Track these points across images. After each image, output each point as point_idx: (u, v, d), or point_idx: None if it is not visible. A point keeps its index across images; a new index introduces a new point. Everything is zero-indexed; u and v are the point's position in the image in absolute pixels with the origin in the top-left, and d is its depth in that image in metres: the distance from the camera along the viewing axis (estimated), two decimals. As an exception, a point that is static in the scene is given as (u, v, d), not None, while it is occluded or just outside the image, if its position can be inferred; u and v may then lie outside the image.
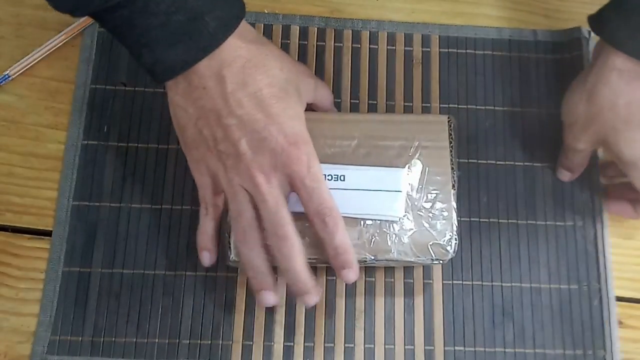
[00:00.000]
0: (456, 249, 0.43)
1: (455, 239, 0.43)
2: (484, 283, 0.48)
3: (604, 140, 0.45)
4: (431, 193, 0.44)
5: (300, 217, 0.41)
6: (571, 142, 0.47)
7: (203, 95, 0.39)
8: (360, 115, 0.48)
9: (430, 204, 0.44)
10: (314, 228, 0.41)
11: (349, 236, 0.41)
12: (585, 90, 0.45)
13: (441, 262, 0.44)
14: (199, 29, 0.38)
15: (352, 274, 0.41)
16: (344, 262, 0.41)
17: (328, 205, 0.40)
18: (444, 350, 0.47)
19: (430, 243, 0.43)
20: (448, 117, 0.45)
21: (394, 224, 0.43)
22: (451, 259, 0.44)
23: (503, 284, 0.49)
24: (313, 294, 0.41)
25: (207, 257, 0.44)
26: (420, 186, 0.44)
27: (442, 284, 0.48)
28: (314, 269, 0.45)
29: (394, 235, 0.43)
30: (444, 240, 0.43)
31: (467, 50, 0.54)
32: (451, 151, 0.45)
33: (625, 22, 0.42)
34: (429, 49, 0.54)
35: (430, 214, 0.43)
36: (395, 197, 0.43)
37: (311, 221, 0.40)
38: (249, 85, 0.39)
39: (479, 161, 0.51)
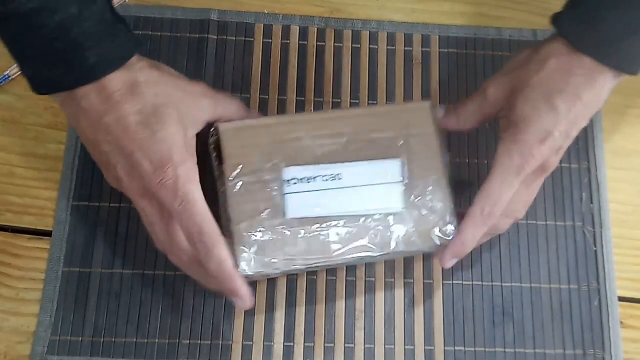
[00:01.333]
0: (456, 227, 0.44)
1: (455, 218, 0.44)
2: (484, 283, 0.48)
3: (512, 90, 0.44)
4: (424, 179, 0.44)
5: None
6: (486, 83, 0.46)
7: (80, 115, 0.41)
8: (344, 111, 0.49)
9: (425, 189, 0.44)
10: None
11: (356, 233, 0.42)
12: (532, 49, 0.45)
13: (445, 243, 0.44)
14: (77, 60, 0.39)
15: (240, 301, 0.41)
16: (226, 291, 0.41)
17: (197, 230, 0.39)
18: (444, 350, 0.47)
19: (433, 228, 0.43)
20: (429, 102, 0.46)
21: (396, 215, 0.43)
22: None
23: (503, 284, 0.49)
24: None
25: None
26: (413, 174, 0.44)
27: (442, 284, 0.48)
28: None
29: (397, 227, 0.43)
30: (445, 222, 0.44)
31: (467, 50, 0.54)
32: (437, 134, 0.45)
33: (573, 14, 0.43)
34: (428, 49, 0.54)
35: (428, 199, 0.44)
36: (394, 189, 0.44)
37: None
38: (115, 112, 0.40)
39: (479, 161, 0.51)
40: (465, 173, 0.51)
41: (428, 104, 0.46)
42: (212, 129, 0.45)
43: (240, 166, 0.43)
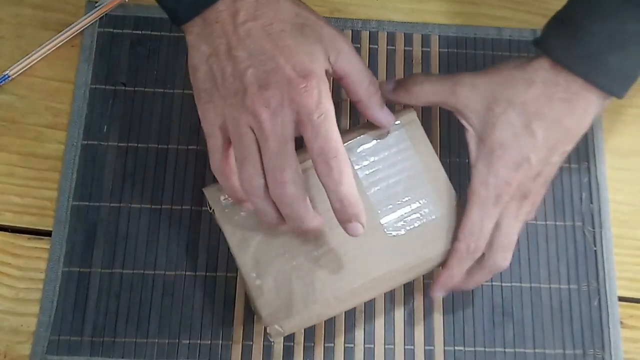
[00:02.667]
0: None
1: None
2: (483, 283, 0.48)
3: (489, 107, 0.42)
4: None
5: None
6: (460, 80, 0.44)
7: (215, 29, 0.38)
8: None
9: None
10: (317, 173, 0.37)
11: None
12: (519, 65, 0.43)
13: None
14: None
15: (359, 227, 0.38)
16: (350, 215, 0.37)
17: (334, 145, 0.36)
18: (444, 350, 0.47)
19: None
20: (414, 112, 0.45)
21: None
22: None
23: (503, 284, 0.49)
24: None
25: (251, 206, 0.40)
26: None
27: (442, 284, 0.48)
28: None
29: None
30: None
31: (467, 50, 0.54)
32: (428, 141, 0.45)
33: (557, 32, 0.42)
34: (428, 49, 0.54)
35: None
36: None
37: (314, 164, 0.37)
38: (260, 18, 0.37)
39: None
40: (465, 174, 0.51)
41: (414, 113, 0.45)
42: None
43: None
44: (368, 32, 0.54)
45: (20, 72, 0.51)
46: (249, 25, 0.37)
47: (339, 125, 0.51)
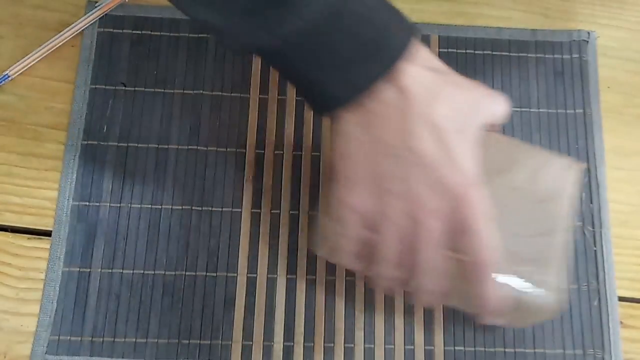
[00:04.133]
0: None
1: None
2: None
3: None
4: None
5: None
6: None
7: (379, 123, 0.36)
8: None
9: None
10: (466, 271, 0.37)
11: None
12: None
13: None
14: (386, 44, 0.35)
15: (491, 317, 0.39)
16: (486, 313, 0.39)
17: (490, 256, 0.37)
18: (444, 350, 0.47)
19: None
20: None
21: None
22: None
23: (503, 284, 0.49)
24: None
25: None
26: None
27: (442, 284, 0.48)
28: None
29: None
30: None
31: (467, 50, 0.54)
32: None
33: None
34: (428, 49, 0.54)
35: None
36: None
37: (462, 268, 0.37)
38: (429, 115, 0.35)
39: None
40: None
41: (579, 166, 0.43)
42: None
43: None
44: (368, 32, 0.54)
45: (20, 72, 0.51)
46: (417, 126, 0.35)
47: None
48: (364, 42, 0.35)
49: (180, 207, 0.49)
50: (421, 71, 0.36)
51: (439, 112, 0.36)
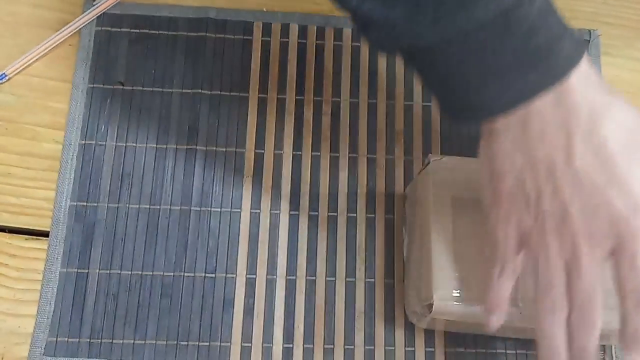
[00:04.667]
0: None
1: None
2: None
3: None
4: None
5: None
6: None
7: (539, 142, 0.34)
8: None
9: None
10: (624, 305, 0.35)
11: None
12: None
13: None
14: (555, 53, 0.33)
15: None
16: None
17: None
18: (445, 352, 0.47)
19: None
20: None
21: None
22: None
23: (504, 285, 0.48)
24: None
25: (496, 321, 0.38)
26: None
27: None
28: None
29: None
30: None
31: (468, 49, 0.54)
32: None
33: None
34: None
35: None
36: None
37: (623, 298, 0.34)
38: (594, 135, 0.33)
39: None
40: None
41: None
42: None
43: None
44: (368, 30, 0.54)
45: (18, 71, 0.51)
46: (581, 146, 0.33)
47: (338, 125, 0.51)
48: (532, 49, 0.32)
49: (179, 208, 0.48)
50: (587, 87, 0.34)
51: (605, 133, 0.33)
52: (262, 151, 0.50)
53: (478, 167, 0.38)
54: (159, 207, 0.48)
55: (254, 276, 0.47)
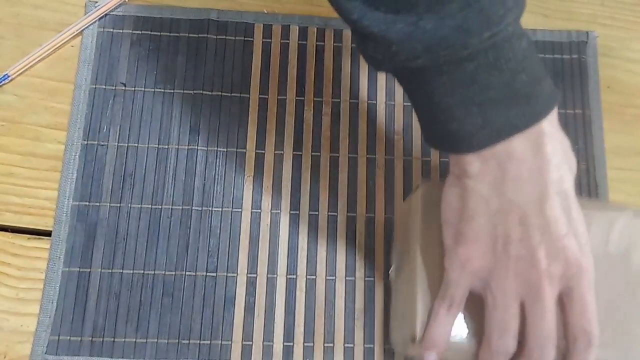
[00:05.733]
0: None
1: None
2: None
3: None
4: None
5: None
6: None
7: (517, 188, 0.35)
8: None
9: None
10: (569, 344, 0.36)
11: None
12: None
13: None
14: (536, 93, 0.34)
15: None
16: None
17: (593, 327, 0.36)
18: (444, 350, 0.47)
19: None
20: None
21: None
22: None
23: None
24: None
25: (433, 358, 0.39)
26: None
27: (442, 284, 0.48)
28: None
29: None
30: None
31: (467, 50, 0.54)
32: None
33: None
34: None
35: None
36: None
37: (568, 336, 0.36)
38: (562, 182, 0.35)
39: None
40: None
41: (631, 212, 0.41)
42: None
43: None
44: (368, 32, 0.54)
45: (20, 72, 0.51)
46: (553, 193, 0.35)
47: (338, 125, 0.52)
48: (516, 86, 0.34)
49: (180, 207, 0.49)
50: (556, 133, 0.35)
51: (569, 179, 0.35)
52: (263, 151, 0.51)
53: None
54: (160, 206, 0.49)
55: (255, 275, 0.48)
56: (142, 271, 0.47)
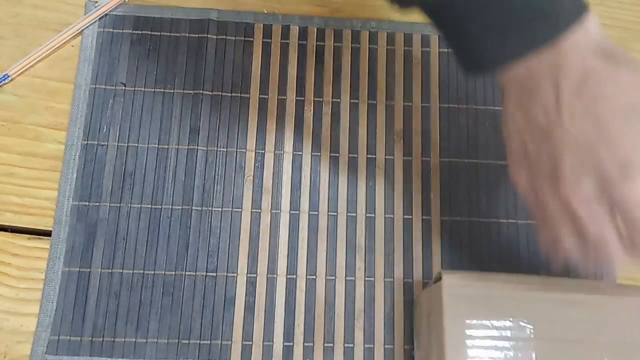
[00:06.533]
0: None
1: None
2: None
3: None
4: None
5: None
6: None
7: (534, 101, 0.35)
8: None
9: None
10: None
11: None
12: None
13: None
14: (556, 10, 0.33)
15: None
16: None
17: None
18: (444, 350, 0.47)
19: None
20: None
21: None
22: None
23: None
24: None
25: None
26: None
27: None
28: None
29: None
30: None
31: (467, 50, 0.54)
32: None
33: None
34: (428, 49, 0.54)
35: None
36: None
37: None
38: (587, 96, 0.34)
39: (479, 161, 0.51)
40: (465, 173, 0.51)
41: None
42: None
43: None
44: (368, 32, 0.54)
45: (20, 72, 0.51)
46: (573, 106, 0.33)
47: (338, 125, 0.52)
48: (534, 5, 0.33)
49: (180, 207, 0.49)
50: (586, 47, 0.34)
51: (594, 93, 0.33)
52: (263, 151, 0.51)
53: (491, 283, 0.39)
54: (160, 206, 0.49)
55: (255, 275, 0.48)
56: (142, 271, 0.47)
